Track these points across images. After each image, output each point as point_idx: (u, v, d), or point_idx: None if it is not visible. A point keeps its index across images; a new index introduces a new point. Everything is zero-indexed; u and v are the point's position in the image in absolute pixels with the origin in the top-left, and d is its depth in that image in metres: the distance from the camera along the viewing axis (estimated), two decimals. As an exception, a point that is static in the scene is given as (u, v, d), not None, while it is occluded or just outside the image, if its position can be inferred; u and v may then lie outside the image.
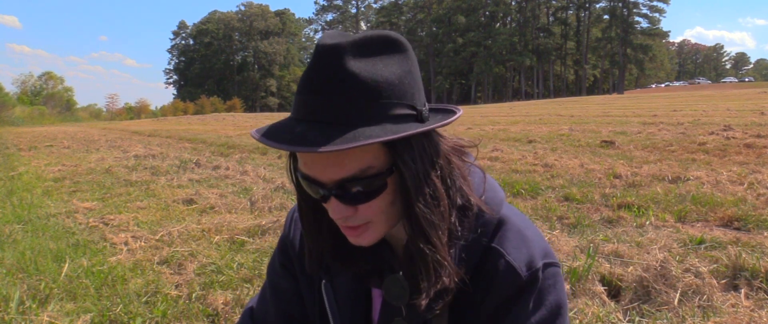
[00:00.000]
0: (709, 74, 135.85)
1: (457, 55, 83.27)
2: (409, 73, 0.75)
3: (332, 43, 0.71)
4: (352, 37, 0.73)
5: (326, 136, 0.68)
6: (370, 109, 0.71)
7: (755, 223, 3.43)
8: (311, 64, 0.73)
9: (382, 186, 0.76)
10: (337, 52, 0.71)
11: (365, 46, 0.73)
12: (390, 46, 0.75)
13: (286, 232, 1.04)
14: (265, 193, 4.80)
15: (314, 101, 0.72)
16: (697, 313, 2.13)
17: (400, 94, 0.73)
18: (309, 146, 0.68)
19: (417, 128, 0.73)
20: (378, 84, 0.71)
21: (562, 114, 20.34)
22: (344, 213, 0.77)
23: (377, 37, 0.74)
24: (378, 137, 0.68)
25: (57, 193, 5.68)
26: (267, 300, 1.08)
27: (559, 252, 2.92)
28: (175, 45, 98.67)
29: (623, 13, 79.33)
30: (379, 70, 0.72)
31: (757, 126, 10.07)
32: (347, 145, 0.67)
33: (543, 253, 0.86)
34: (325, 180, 0.75)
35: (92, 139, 15.23)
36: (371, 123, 0.71)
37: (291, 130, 0.72)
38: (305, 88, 0.73)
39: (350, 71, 0.70)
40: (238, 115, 45.63)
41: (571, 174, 5.58)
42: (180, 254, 3.16)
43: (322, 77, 0.71)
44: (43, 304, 2.48)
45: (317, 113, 0.71)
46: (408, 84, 0.75)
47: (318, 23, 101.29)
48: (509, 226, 0.86)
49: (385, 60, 0.73)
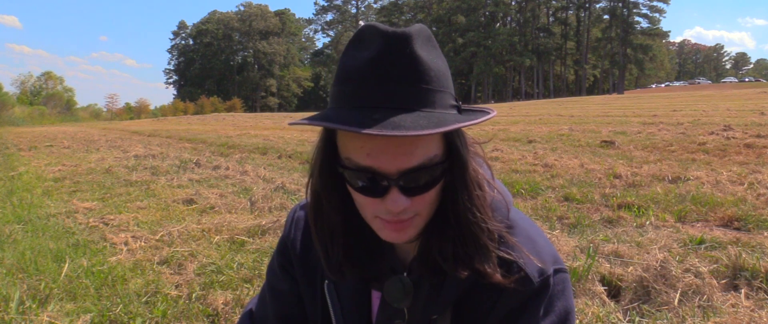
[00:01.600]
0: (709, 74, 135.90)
1: (457, 55, 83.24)
2: (448, 67, 0.78)
3: (399, 31, 0.71)
4: (409, 28, 0.73)
5: (412, 122, 0.67)
6: (439, 97, 0.72)
7: (755, 223, 3.43)
8: (379, 51, 0.70)
9: (441, 175, 0.76)
10: (407, 40, 0.70)
11: (423, 36, 0.73)
12: (433, 39, 0.76)
13: (286, 233, 1.03)
14: (265, 193, 4.80)
15: (385, 88, 0.70)
16: (697, 313, 2.13)
17: (449, 85, 0.75)
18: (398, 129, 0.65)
19: (469, 118, 0.74)
20: (440, 73, 0.73)
21: (562, 114, 20.35)
22: (404, 205, 0.75)
23: (426, 29, 0.75)
24: (459, 123, 0.70)
25: (57, 193, 5.68)
26: (266, 302, 1.07)
27: (559, 252, 2.92)
28: (175, 45, 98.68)
29: (623, 13, 79.31)
30: (435, 61, 0.73)
31: (757, 126, 10.07)
32: (438, 129, 0.67)
33: (553, 258, 0.86)
34: (392, 170, 0.73)
35: (92, 139, 15.23)
36: (443, 110, 0.72)
37: (368, 116, 0.68)
38: (375, 75, 0.70)
39: (422, 60, 0.71)
40: (238, 115, 45.64)
41: (571, 174, 5.58)
42: (180, 254, 3.16)
43: (397, 64, 0.70)
44: (43, 304, 2.47)
45: (396, 100, 0.70)
46: (450, 76, 0.77)
47: (318, 23, 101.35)
48: (520, 230, 0.85)
49: (436, 52, 0.75)
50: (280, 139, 12.32)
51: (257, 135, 14.51)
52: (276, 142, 11.72)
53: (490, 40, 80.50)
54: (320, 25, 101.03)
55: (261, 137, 13.47)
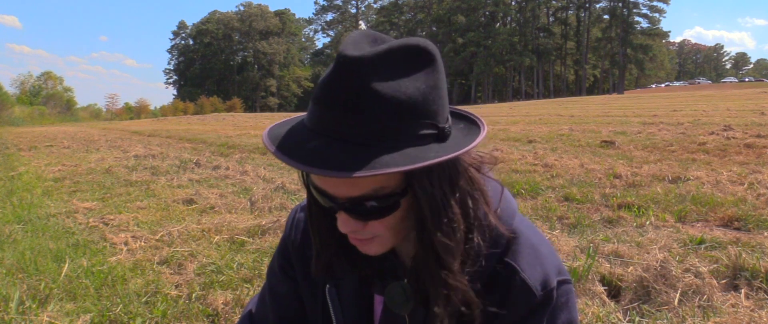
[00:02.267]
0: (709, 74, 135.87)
1: (457, 55, 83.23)
2: (435, 87, 0.71)
3: (355, 55, 0.66)
4: (376, 48, 0.68)
5: (342, 157, 0.66)
6: (391, 130, 0.67)
7: (755, 223, 3.43)
8: (331, 75, 0.68)
9: (394, 205, 0.74)
10: (360, 66, 0.66)
11: (391, 59, 0.68)
12: (418, 57, 0.70)
13: (287, 234, 1.03)
14: (265, 193, 4.80)
15: (331, 116, 0.68)
16: (697, 313, 2.13)
17: (423, 113, 0.69)
18: (323, 168, 0.65)
19: (437, 153, 0.69)
20: (401, 103, 0.67)
21: (562, 114, 20.35)
22: (352, 227, 0.76)
23: (405, 49, 0.69)
24: (397, 167, 0.65)
25: (57, 193, 5.68)
26: (266, 303, 1.07)
27: (559, 252, 2.93)
28: (175, 45, 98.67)
29: (623, 13, 79.32)
30: (403, 87, 0.67)
31: (757, 126, 10.07)
32: (364, 172, 0.64)
33: (557, 270, 0.84)
34: (337, 195, 0.73)
35: (92, 139, 15.23)
36: (390, 145, 0.67)
37: (305, 143, 0.69)
38: (323, 100, 0.69)
39: (373, 90, 0.66)
40: (238, 115, 45.63)
41: (571, 174, 5.58)
42: (180, 254, 3.16)
43: (342, 93, 0.67)
44: (43, 304, 2.47)
45: (334, 130, 0.68)
46: (432, 100, 0.70)
47: (318, 23, 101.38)
48: (523, 240, 0.83)
49: (411, 74, 0.69)
50: (280, 139, 12.30)
51: (257, 135, 14.52)
52: (276, 142, 11.70)
53: (490, 40, 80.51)
54: (320, 25, 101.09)
55: (261, 137, 13.46)
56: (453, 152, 0.69)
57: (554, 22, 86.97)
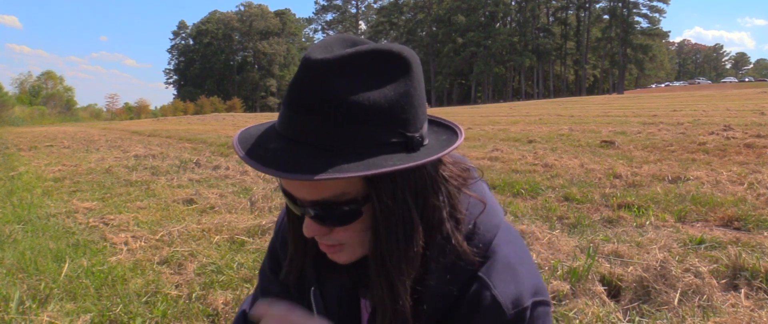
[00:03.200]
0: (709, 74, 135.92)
1: (457, 55, 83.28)
2: (405, 95, 0.68)
3: (319, 58, 0.65)
4: (344, 52, 0.66)
5: (297, 160, 0.65)
6: (350, 135, 0.65)
7: (755, 223, 3.43)
8: (295, 77, 0.68)
9: (356, 213, 0.72)
10: (322, 69, 0.65)
11: (358, 63, 0.66)
12: (388, 63, 0.67)
13: (275, 236, 1.03)
14: (265, 193, 4.80)
15: (292, 118, 0.68)
16: (697, 313, 2.13)
17: (388, 121, 0.66)
18: (275, 168, 0.65)
19: (400, 162, 0.66)
20: (363, 109, 0.65)
21: (562, 114, 20.34)
22: (317, 232, 0.76)
23: (375, 53, 0.67)
24: (350, 172, 0.63)
25: (57, 193, 5.68)
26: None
27: (559, 252, 2.93)
28: (175, 45, 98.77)
29: (623, 13, 79.35)
30: (368, 93, 0.65)
31: (757, 126, 10.07)
32: (315, 176, 0.63)
33: (533, 290, 0.80)
34: (300, 197, 0.73)
35: (92, 139, 15.23)
36: (349, 150, 0.66)
37: (266, 144, 0.69)
38: (288, 102, 0.68)
39: (333, 92, 0.64)
40: (238, 115, 45.64)
41: (571, 174, 5.58)
42: (180, 254, 3.16)
43: (303, 95, 0.66)
44: (43, 304, 2.47)
45: (294, 132, 0.67)
46: (401, 108, 0.67)
47: (318, 23, 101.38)
48: (500, 257, 0.79)
49: (379, 80, 0.66)
50: (280, 139, 12.31)
51: (257, 135, 14.50)
52: (276, 142, 11.71)
53: (490, 40, 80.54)
54: (320, 25, 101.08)
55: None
56: (413, 162, 0.67)
57: (554, 22, 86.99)
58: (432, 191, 0.74)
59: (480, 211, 0.81)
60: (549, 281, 2.44)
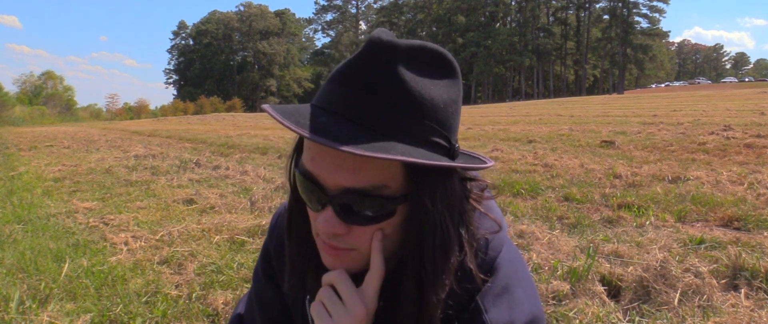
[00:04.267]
0: (709, 74, 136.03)
1: (457, 55, 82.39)
2: (455, 101, 0.68)
3: (389, 40, 0.63)
4: (408, 41, 0.65)
5: (353, 136, 0.60)
6: (409, 124, 0.63)
7: (755, 223, 3.43)
8: (360, 56, 0.64)
9: (390, 212, 0.68)
10: (392, 52, 0.63)
11: (421, 56, 0.65)
12: (445, 66, 0.67)
13: (268, 239, 0.99)
14: (265, 193, 4.80)
15: (351, 96, 0.63)
16: (697, 313, 2.13)
17: (441, 121, 0.65)
18: (330, 139, 0.59)
19: (449, 163, 0.64)
20: (424, 101, 0.64)
21: (562, 114, 20.35)
22: (335, 229, 0.68)
23: (435, 51, 0.66)
24: (411, 156, 0.60)
25: (57, 193, 5.68)
26: (254, 307, 1.04)
27: (559, 252, 2.93)
28: (175, 45, 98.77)
29: (623, 13, 79.35)
30: (428, 86, 0.64)
31: (757, 126, 10.07)
32: (375, 153, 0.58)
33: (529, 317, 0.76)
34: (331, 184, 0.66)
35: (92, 139, 15.23)
36: (405, 140, 0.63)
37: (314, 118, 0.64)
38: (345, 79, 0.64)
39: (401, 76, 0.63)
40: (238, 115, 45.64)
41: (571, 174, 5.58)
42: (180, 254, 3.16)
43: (366, 72, 0.63)
44: (43, 304, 2.47)
45: (351, 110, 0.63)
46: (450, 113, 0.67)
47: (318, 23, 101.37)
48: (498, 279, 0.76)
49: (435, 79, 0.66)
50: (280, 139, 12.33)
51: (257, 135, 14.53)
52: (276, 141, 11.73)
53: (490, 40, 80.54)
54: (320, 25, 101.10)
55: (261, 137, 13.48)
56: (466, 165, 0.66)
57: (554, 22, 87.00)
58: (461, 205, 0.71)
59: (490, 229, 0.78)
60: (549, 281, 2.44)
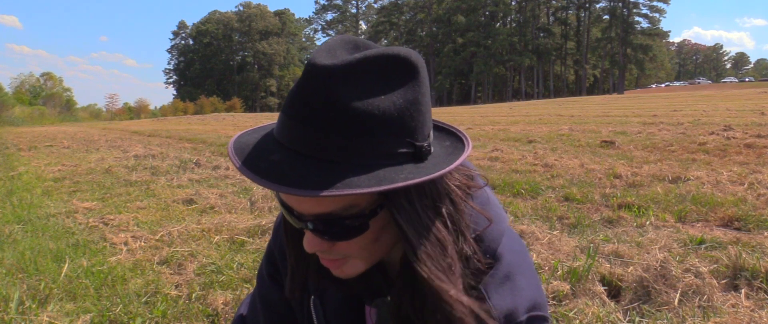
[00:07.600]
0: (709, 74, 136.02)
1: (457, 55, 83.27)
2: (414, 102, 0.65)
3: (325, 64, 0.61)
4: (350, 57, 0.62)
5: (302, 173, 0.61)
6: (358, 146, 0.62)
7: (755, 223, 3.43)
8: (299, 84, 0.63)
9: (363, 226, 0.69)
10: (328, 76, 0.61)
11: (365, 70, 0.62)
12: (397, 69, 0.64)
13: (272, 240, 1.00)
14: (265, 193, 4.79)
15: (296, 129, 0.63)
16: (697, 313, 2.13)
17: (397, 130, 0.63)
18: (284, 184, 0.60)
19: (411, 173, 0.63)
20: (374, 119, 0.61)
21: (562, 114, 20.34)
22: (319, 247, 0.71)
23: (382, 58, 0.63)
24: (361, 187, 0.60)
25: (57, 193, 5.68)
26: (257, 308, 1.04)
27: (559, 252, 2.93)
28: (174, 45, 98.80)
29: (623, 13, 79.36)
30: (376, 101, 0.62)
31: (757, 126, 10.07)
32: (325, 192, 0.59)
33: (531, 304, 0.77)
34: (302, 211, 0.68)
35: (92, 139, 15.22)
36: (360, 162, 0.62)
37: (268, 155, 0.65)
38: (292, 111, 0.64)
39: (340, 103, 0.60)
40: (238, 115, 45.64)
41: (571, 174, 5.58)
42: (180, 254, 3.16)
43: (308, 105, 0.62)
44: (43, 304, 2.47)
45: (298, 143, 0.63)
46: (409, 116, 0.64)
47: (318, 23, 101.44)
48: (500, 267, 0.77)
49: (387, 87, 0.63)
50: (280, 139, 12.30)
51: (257, 135, 14.49)
52: (276, 142, 11.71)
53: (490, 40, 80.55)
54: (320, 25, 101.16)
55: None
56: (427, 175, 0.63)
57: (554, 22, 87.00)
58: (445, 198, 0.71)
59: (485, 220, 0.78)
60: (549, 281, 2.44)
